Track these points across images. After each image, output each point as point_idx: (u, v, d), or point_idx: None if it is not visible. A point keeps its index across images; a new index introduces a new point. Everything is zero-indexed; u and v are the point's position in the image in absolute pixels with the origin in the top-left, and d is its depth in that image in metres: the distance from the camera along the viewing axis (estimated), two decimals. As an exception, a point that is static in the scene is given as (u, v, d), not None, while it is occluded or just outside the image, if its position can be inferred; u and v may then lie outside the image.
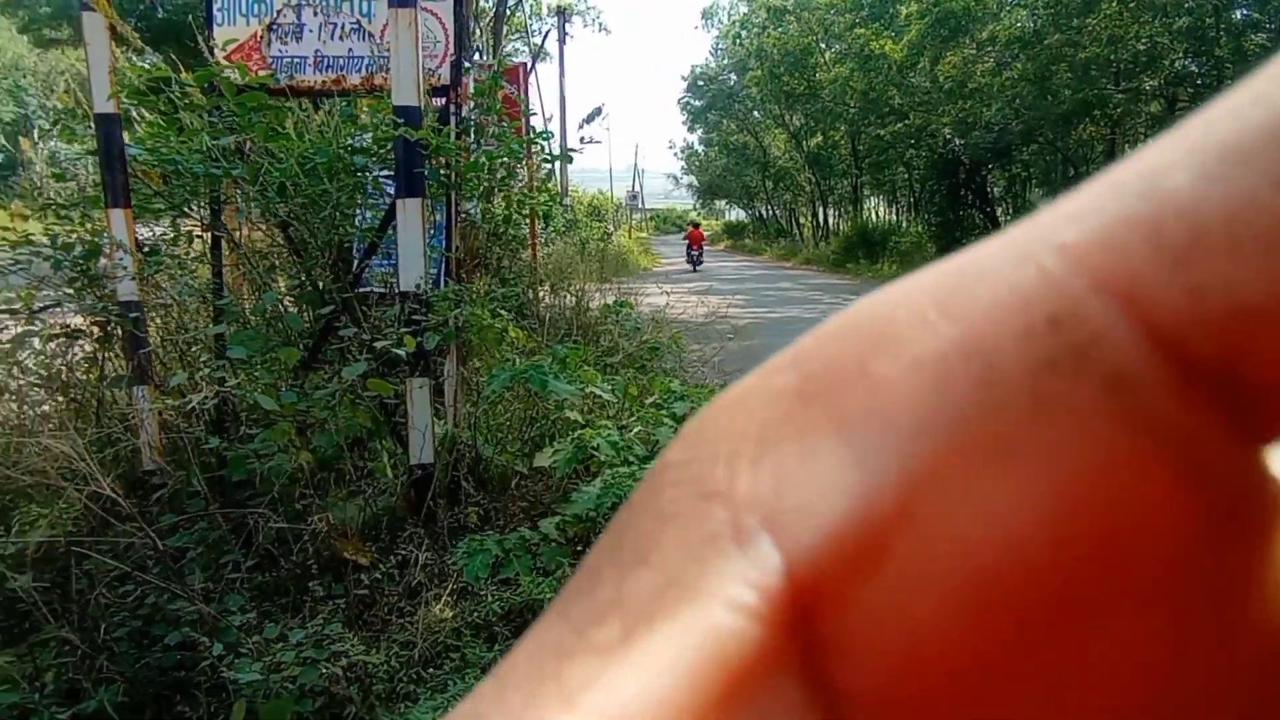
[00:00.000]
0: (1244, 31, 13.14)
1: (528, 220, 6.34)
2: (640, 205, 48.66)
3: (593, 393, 3.03)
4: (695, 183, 52.58)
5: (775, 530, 0.11)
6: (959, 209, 19.99)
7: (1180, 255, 0.10)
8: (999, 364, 0.10)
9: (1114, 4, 13.91)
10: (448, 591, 2.66)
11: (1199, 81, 13.95)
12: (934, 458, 0.10)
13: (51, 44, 22.20)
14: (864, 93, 21.66)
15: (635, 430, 3.07)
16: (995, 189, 21.18)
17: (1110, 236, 0.10)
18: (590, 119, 17.09)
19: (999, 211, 20.63)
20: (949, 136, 18.99)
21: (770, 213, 42.82)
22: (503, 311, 4.05)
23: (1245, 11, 13.46)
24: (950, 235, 19.61)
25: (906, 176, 24.45)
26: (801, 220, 37.64)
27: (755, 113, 36.41)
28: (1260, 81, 0.10)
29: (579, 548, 2.95)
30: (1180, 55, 13.92)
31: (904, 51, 19.94)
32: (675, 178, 56.73)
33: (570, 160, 5.23)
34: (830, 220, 33.05)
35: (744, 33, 35.43)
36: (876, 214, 32.41)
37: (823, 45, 28.34)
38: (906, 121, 20.31)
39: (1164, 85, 14.56)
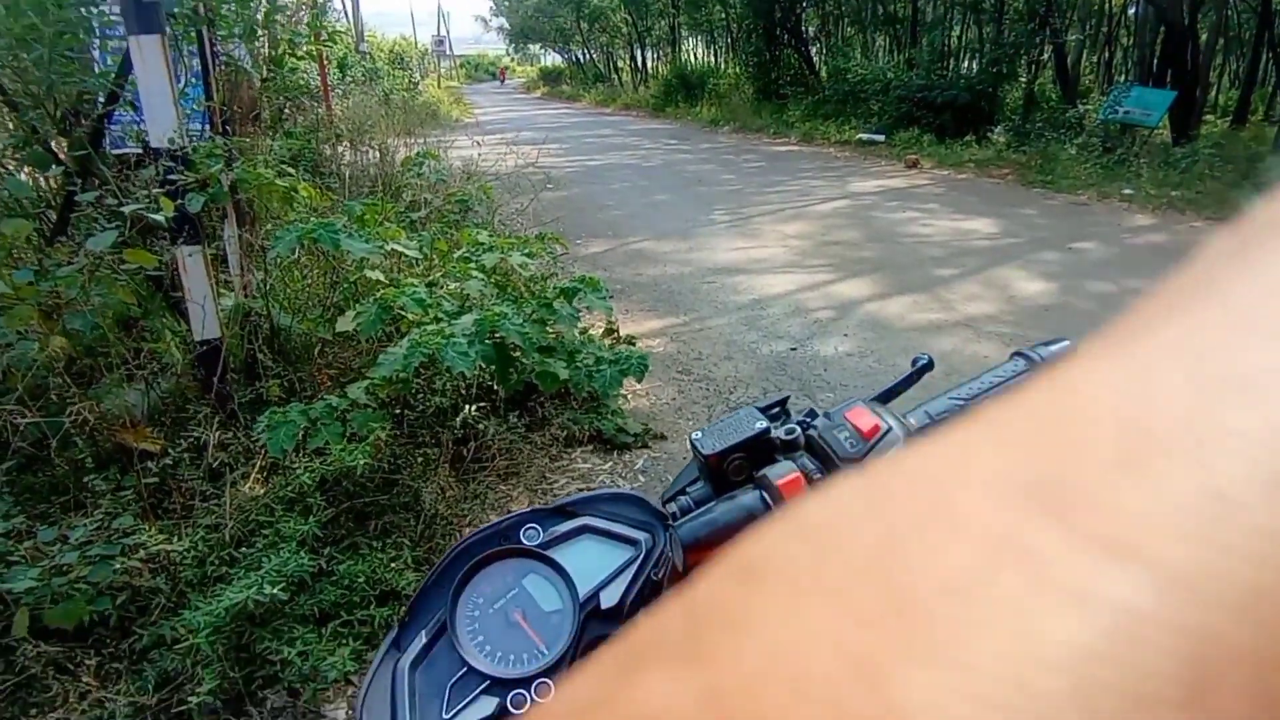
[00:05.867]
0: None
1: (316, 66, 5.71)
2: (448, 52, 45.26)
3: (395, 250, 2.84)
4: (506, 25, 49.14)
5: None
6: (775, 49, 19.96)
7: None
8: None
9: None
10: (256, 469, 2.52)
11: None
12: None
13: None
14: (677, -76, 20.72)
15: (446, 287, 2.94)
16: (810, 28, 21.24)
17: None
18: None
19: (813, 51, 20.83)
20: (764, -28, 18.68)
21: (587, 57, 41.14)
22: (291, 170, 3.67)
23: None
24: (767, 76, 19.70)
25: (724, 16, 24.02)
26: (620, 64, 36.48)
27: (566, -54, 34.15)
28: None
29: (395, 410, 2.86)
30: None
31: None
32: (484, 20, 52.67)
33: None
34: (649, 63, 32.24)
35: None
36: (695, 55, 31.92)
37: None
38: (721, -44, 19.74)
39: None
